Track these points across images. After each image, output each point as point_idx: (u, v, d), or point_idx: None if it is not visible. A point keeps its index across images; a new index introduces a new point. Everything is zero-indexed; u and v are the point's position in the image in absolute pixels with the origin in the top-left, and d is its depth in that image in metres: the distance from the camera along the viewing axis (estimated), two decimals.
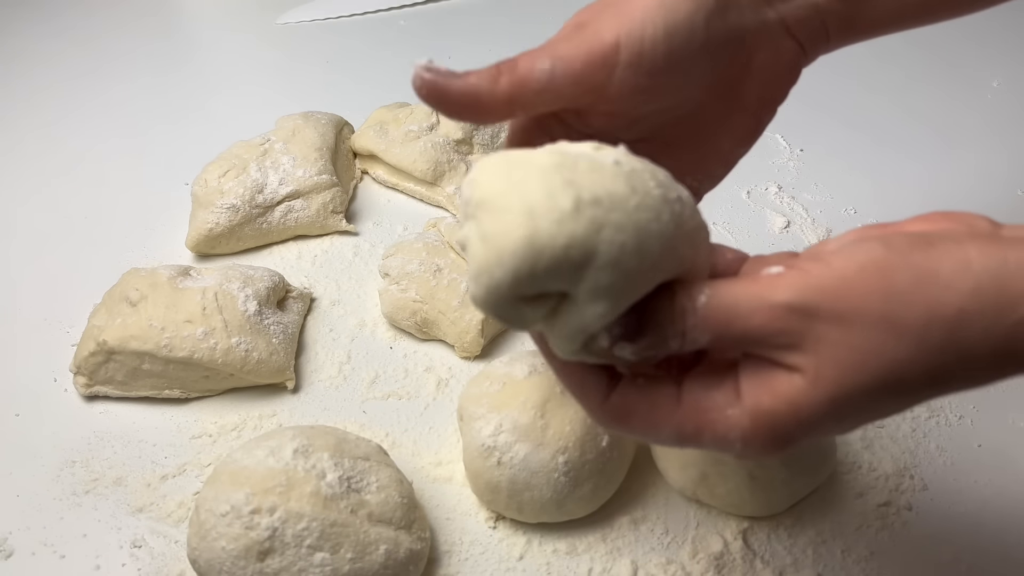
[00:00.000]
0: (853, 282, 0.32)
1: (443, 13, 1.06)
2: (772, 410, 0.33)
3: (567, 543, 0.54)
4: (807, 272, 0.33)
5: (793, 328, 0.32)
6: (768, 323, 0.32)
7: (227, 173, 0.72)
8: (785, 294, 0.32)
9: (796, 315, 0.32)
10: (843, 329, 0.32)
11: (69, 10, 1.05)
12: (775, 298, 0.32)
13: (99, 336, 0.59)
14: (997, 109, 0.89)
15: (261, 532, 0.47)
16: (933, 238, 0.33)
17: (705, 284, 0.34)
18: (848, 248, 0.33)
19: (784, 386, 0.33)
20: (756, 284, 0.33)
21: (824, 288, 0.32)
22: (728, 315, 0.33)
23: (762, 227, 0.76)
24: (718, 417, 0.34)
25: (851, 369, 0.32)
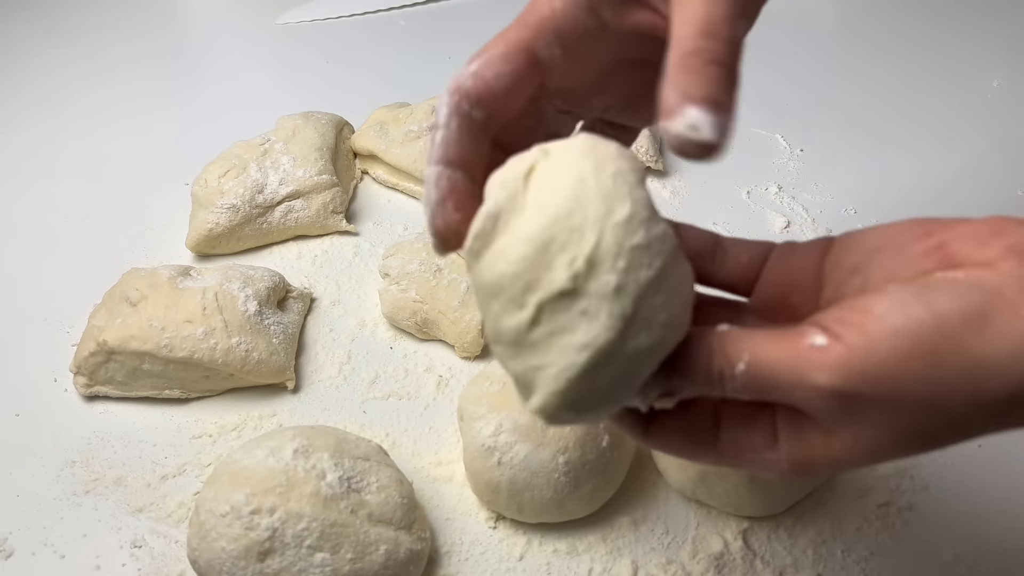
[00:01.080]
0: (899, 369, 0.31)
1: (443, 13, 1.06)
2: (810, 461, 0.34)
3: (567, 543, 0.54)
4: (851, 349, 0.31)
5: (834, 409, 0.32)
6: (808, 401, 0.32)
7: (227, 173, 0.72)
8: (827, 377, 0.31)
9: (839, 400, 0.31)
10: (886, 414, 0.31)
11: (69, 11, 1.05)
12: (816, 380, 0.31)
13: (99, 336, 0.59)
14: (997, 109, 0.89)
15: (261, 532, 0.47)
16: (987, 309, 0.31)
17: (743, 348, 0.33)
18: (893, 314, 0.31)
19: (821, 446, 0.33)
20: (797, 357, 0.32)
21: (867, 375, 0.31)
22: (767, 386, 0.33)
23: (762, 227, 0.76)
24: (756, 459, 0.35)
25: (889, 444, 0.32)
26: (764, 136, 0.83)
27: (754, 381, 0.33)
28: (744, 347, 0.33)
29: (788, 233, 0.75)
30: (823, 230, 0.75)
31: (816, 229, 0.75)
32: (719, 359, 0.33)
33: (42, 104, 0.91)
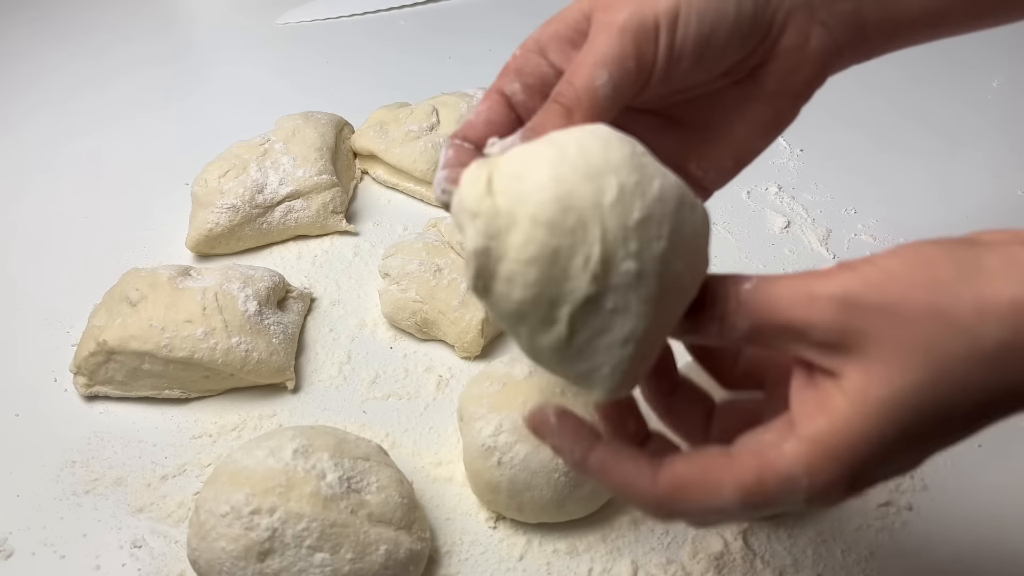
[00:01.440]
0: (896, 273, 0.31)
1: (443, 13, 1.06)
2: (828, 430, 0.31)
3: (567, 543, 0.54)
4: (854, 268, 0.32)
5: (836, 320, 0.31)
6: (810, 313, 0.31)
7: (227, 173, 0.72)
8: (830, 286, 0.31)
9: (839, 306, 0.31)
10: (889, 322, 0.30)
11: (69, 11, 1.05)
12: (820, 290, 0.31)
13: (99, 336, 0.59)
14: (997, 109, 0.90)
15: (261, 533, 0.47)
16: (977, 236, 0.32)
17: (751, 277, 0.33)
18: (895, 248, 0.32)
19: (835, 399, 0.31)
20: (802, 277, 0.32)
21: (868, 280, 0.31)
22: (770, 303, 0.32)
23: (762, 227, 0.76)
24: (776, 456, 0.32)
25: (901, 367, 0.30)
26: None
27: (757, 300, 0.32)
28: (752, 277, 0.33)
29: (788, 233, 0.75)
30: (823, 230, 0.75)
31: (816, 229, 0.75)
32: (725, 281, 0.33)
33: (42, 104, 0.91)
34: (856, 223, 0.76)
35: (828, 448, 0.31)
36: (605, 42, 0.37)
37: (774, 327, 0.32)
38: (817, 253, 0.73)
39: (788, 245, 0.74)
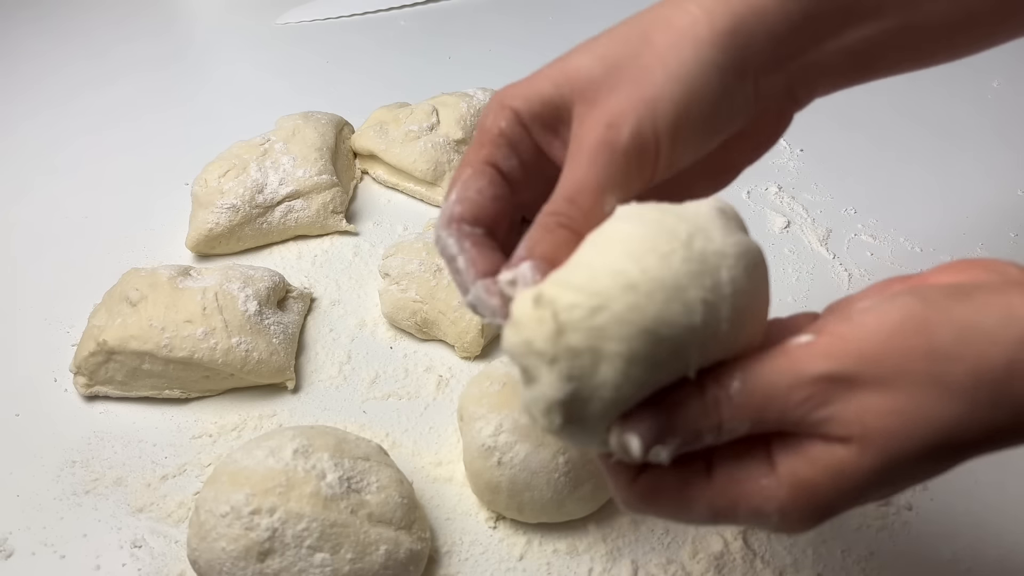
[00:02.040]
0: (892, 342, 0.30)
1: (443, 13, 1.06)
2: (812, 480, 0.31)
3: (567, 543, 0.54)
4: (839, 337, 0.31)
5: (832, 399, 0.30)
6: (807, 399, 0.30)
7: (227, 173, 0.72)
8: (820, 365, 0.30)
9: (834, 385, 0.30)
10: (887, 394, 0.30)
11: (69, 11, 1.05)
12: (810, 371, 0.30)
13: (99, 336, 0.59)
14: (997, 109, 0.90)
15: (261, 533, 0.47)
16: (970, 289, 0.31)
17: (735, 368, 0.32)
18: (881, 306, 0.31)
19: (824, 455, 0.31)
20: (787, 358, 0.31)
21: (861, 353, 0.30)
22: (764, 398, 0.31)
23: (762, 227, 0.76)
24: (753, 488, 0.32)
25: (899, 435, 0.30)
26: None
27: (751, 396, 0.31)
28: (735, 368, 0.32)
29: (788, 233, 0.75)
30: (823, 230, 0.75)
31: (816, 229, 0.75)
32: (711, 385, 0.32)
33: (43, 104, 0.91)
34: (856, 223, 0.76)
35: (806, 495, 0.31)
36: (609, 166, 0.35)
37: (773, 419, 0.32)
38: (817, 253, 0.73)
39: (788, 245, 0.74)
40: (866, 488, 0.31)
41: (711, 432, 0.32)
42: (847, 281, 0.71)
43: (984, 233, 0.74)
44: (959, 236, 0.74)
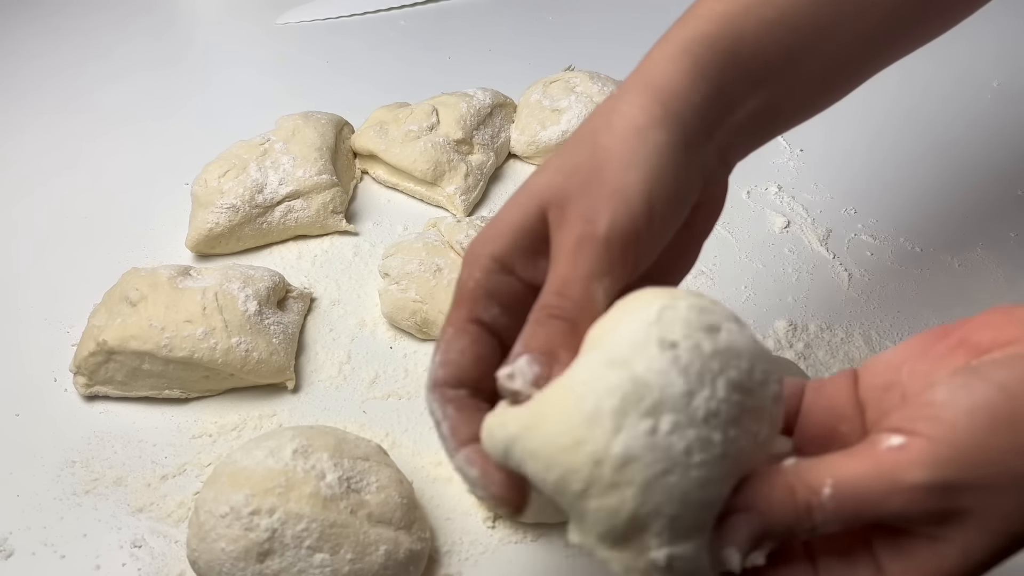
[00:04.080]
0: (987, 445, 0.30)
1: (443, 13, 1.06)
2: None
3: (567, 543, 0.54)
4: (933, 440, 0.31)
5: (935, 508, 0.31)
6: (907, 506, 0.31)
7: (227, 173, 0.72)
8: (919, 474, 0.30)
9: (936, 494, 0.31)
10: (988, 497, 0.31)
11: (69, 10, 1.05)
12: (909, 479, 0.31)
13: (99, 336, 0.59)
14: (997, 109, 0.89)
15: (261, 533, 0.47)
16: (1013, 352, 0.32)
17: (823, 469, 0.32)
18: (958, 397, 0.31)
19: (931, 558, 0.32)
20: (881, 463, 0.31)
21: (959, 460, 0.30)
22: (859, 504, 0.31)
23: (762, 227, 0.76)
24: None
25: (1002, 534, 0.31)
26: None
27: (844, 502, 0.31)
28: (823, 470, 0.32)
29: (788, 233, 0.75)
30: (823, 230, 0.75)
31: (816, 229, 0.75)
32: (801, 490, 0.32)
33: (43, 105, 0.91)
34: (856, 223, 0.76)
35: None
36: (592, 256, 0.36)
37: (867, 522, 0.32)
38: (817, 253, 0.73)
39: (788, 245, 0.74)
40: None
41: (804, 535, 0.32)
42: (847, 281, 0.71)
43: (984, 233, 0.74)
44: (959, 236, 0.74)
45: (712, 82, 0.40)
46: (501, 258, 0.39)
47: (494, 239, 0.39)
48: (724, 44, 0.41)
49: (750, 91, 0.42)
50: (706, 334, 0.33)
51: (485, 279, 0.38)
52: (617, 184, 0.37)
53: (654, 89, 0.39)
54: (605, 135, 0.39)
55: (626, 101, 0.39)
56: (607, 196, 0.37)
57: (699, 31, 0.41)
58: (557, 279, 0.36)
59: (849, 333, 0.66)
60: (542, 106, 0.82)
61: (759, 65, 0.42)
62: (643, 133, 0.38)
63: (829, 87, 0.47)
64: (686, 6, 0.44)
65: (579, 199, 0.37)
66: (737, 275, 0.72)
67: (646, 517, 0.31)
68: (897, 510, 0.31)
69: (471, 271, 0.39)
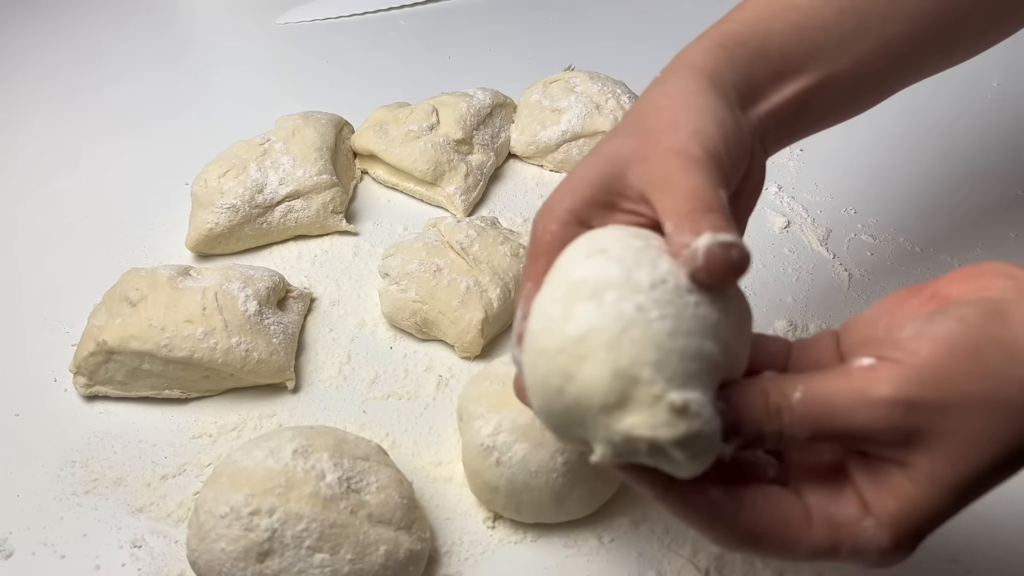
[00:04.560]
0: (947, 368, 0.32)
1: (443, 13, 1.06)
2: (900, 514, 0.34)
3: (567, 543, 0.54)
4: (900, 363, 0.33)
5: (899, 424, 0.32)
6: (872, 420, 0.33)
7: (227, 173, 0.72)
8: (885, 389, 0.32)
9: (900, 409, 0.32)
10: (949, 418, 0.32)
11: (69, 10, 1.05)
12: (876, 393, 0.33)
13: (99, 336, 0.59)
14: (997, 109, 0.89)
15: (260, 533, 0.47)
16: (1001, 307, 0.33)
17: (797, 380, 0.34)
18: (927, 332, 0.33)
19: (905, 487, 0.33)
20: (851, 378, 0.34)
21: (921, 380, 0.32)
22: (827, 411, 0.33)
23: (762, 227, 0.76)
24: (855, 531, 0.34)
25: (966, 457, 0.33)
26: None
27: (812, 409, 0.34)
28: (797, 381, 0.34)
29: (788, 233, 0.75)
30: (823, 230, 0.75)
31: (816, 229, 0.75)
32: (774, 394, 0.34)
33: (43, 105, 0.91)
34: (856, 223, 0.76)
35: (899, 530, 0.34)
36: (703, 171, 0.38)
37: (835, 434, 0.34)
38: (817, 253, 0.73)
39: (788, 245, 0.74)
40: (948, 511, 0.34)
41: (772, 437, 0.35)
42: (847, 281, 0.71)
43: (984, 233, 0.74)
44: (959, 236, 0.74)
45: (742, 72, 0.44)
46: (576, 211, 0.40)
47: (570, 193, 0.40)
48: (753, 43, 0.44)
49: (778, 85, 0.45)
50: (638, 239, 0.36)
51: (561, 231, 0.40)
52: (694, 126, 0.39)
53: (696, 68, 0.43)
54: (663, 101, 0.42)
55: (673, 75, 0.43)
56: (689, 135, 0.39)
57: (730, 30, 0.45)
58: (686, 191, 0.37)
59: None
60: (542, 106, 0.82)
61: (786, 62, 0.45)
62: (697, 95, 0.41)
63: (858, 91, 0.50)
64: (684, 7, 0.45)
65: (660, 145, 0.39)
66: None
67: (629, 368, 0.33)
68: (863, 422, 0.33)
69: (546, 224, 0.40)
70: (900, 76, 0.52)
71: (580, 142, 0.80)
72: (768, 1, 0.47)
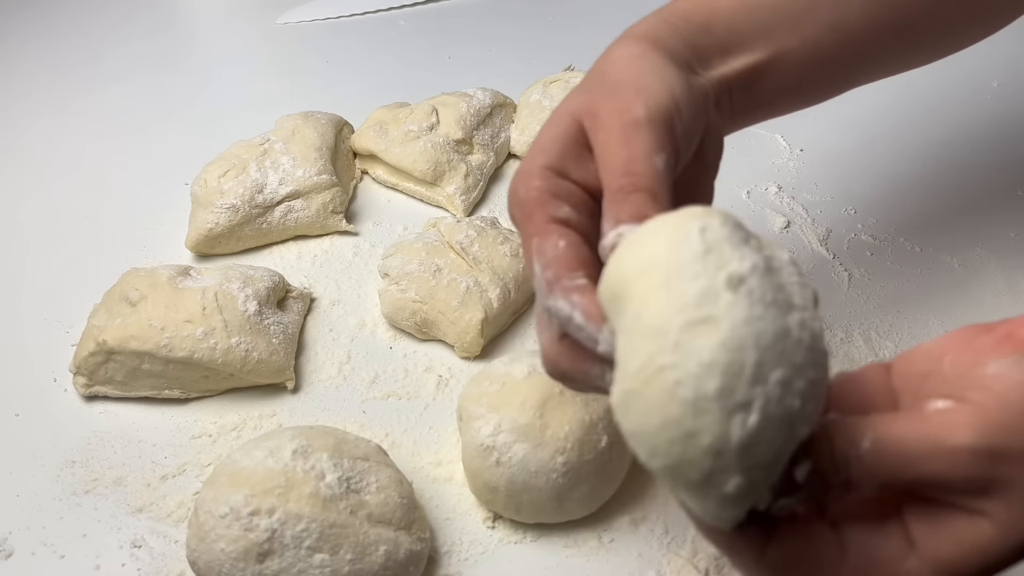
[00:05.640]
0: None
1: (443, 13, 1.06)
2: (955, 560, 0.31)
3: (567, 543, 0.54)
4: (982, 408, 0.30)
5: (979, 473, 0.30)
6: (950, 469, 0.30)
7: (227, 173, 0.72)
8: (966, 436, 0.30)
9: (982, 458, 0.30)
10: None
11: (69, 10, 1.05)
12: (954, 440, 0.30)
13: (99, 336, 0.59)
14: (997, 109, 0.89)
15: (260, 534, 0.47)
16: None
17: (864, 425, 0.32)
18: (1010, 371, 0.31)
19: (968, 533, 0.31)
20: (927, 424, 0.31)
21: (1007, 427, 0.30)
22: (900, 461, 0.31)
23: (762, 227, 0.76)
24: (895, 571, 0.32)
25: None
26: (764, 136, 0.83)
27: (884, 458, 0.31)
28: (865, 425, 0.32)
29: (788, 233, 0.75)
30: (823, 230, 0.75)
31: (816, 229, 0.75)
32: (841, 440, 0.31)
33: (43, 104, 0.91)
34: (856, 223, 0.76)
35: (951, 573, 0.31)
36: (642, 134, 0.39)
37: (908, 482, 0.31)
38: (817, 253, 0.73)
39: (788, 245, 0.74)
40: (1005, 565, 0.31)
41: (839, 488, 0.32)
42: (847, 281, 0.71)
43: (984, 233, 0.74)
44: (959, 236, 0.74)
45: (687, 42, 0.44)
46: (553, 165, 0.41)
47: (542, 152, 0.41)
48: (698, 18, 0.45)
49: (725, 57, 0.45)
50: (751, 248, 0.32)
51: (545, 184, 0.40)
52: (639, 84, 0.40)
53: (639, 36, 0.44)
54: (609, 66, 0.43)
55: (616, 45, 0.44)
56: (633, 93, 0.40)
57: (676, 7, 0.46)
58: (619, 163, 0.38)
59: (849, 333, 0.66)
60: (542, 106, 0.81)
61: (732, 38, 0.45)
62: (644, 56, 0.42)
63: (812, 73, 0.49)
64: None
65: (608, 103, 0.40)
66: None
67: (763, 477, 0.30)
68: (938, 472, 0.30)
69: (528, 183, 0.41)
70: (855, 64, 0.51)
71: None
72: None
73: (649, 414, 0.30)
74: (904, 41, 0.51)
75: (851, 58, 0.50)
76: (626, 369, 0.31)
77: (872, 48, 0.50)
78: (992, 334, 0.34)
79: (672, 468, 0.30)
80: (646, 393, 0.30)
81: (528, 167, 0.41)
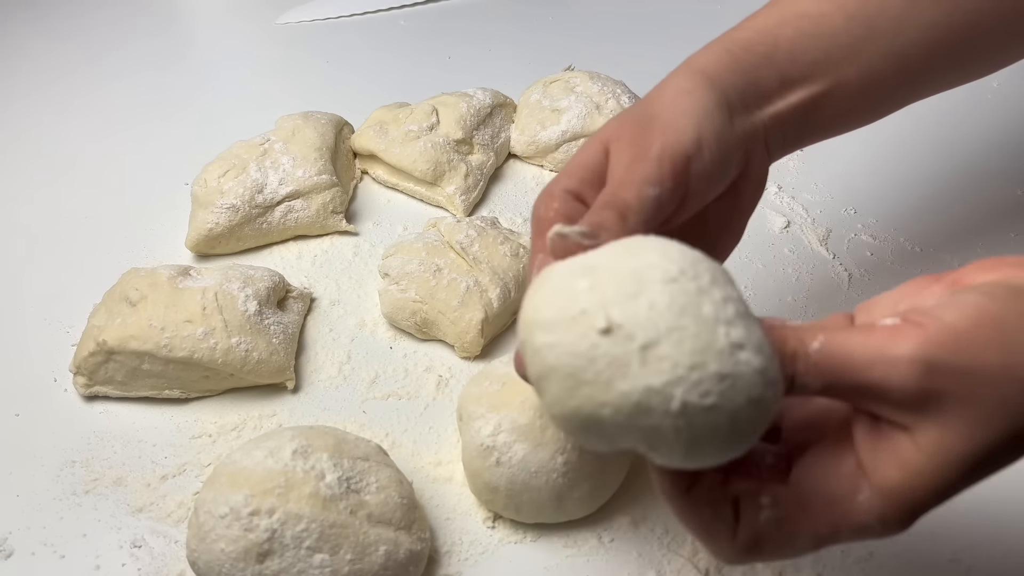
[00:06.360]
0: (970, 335, 0.32)
1: (443, 13, 1.06)
2: (903, 484, 0.33)
3: (567, 543, 0.54)
4: (924, 326, 0.32)
5: (916, 383, 0.32)
6: (889, 376, 0.32)
7: (227, 173, 0.72)
8: (906, 346, 0.32)
9: (919, 368, 0.32)
10: (965, 384, 0.32)
11: (68, 10, 1.05)
12: (896, 350, 0.32)
13: (99, 336, 0.59)
14: (997, 109, 0.89)
15: (260, 534, 0.47)
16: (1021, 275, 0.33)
17: (817, 329, 0.34)
18: (953, 302, 0.33)
19: (910, 454, 0.33)
20: (873, 334, 0.33)
21: (943, 343, 0.32)
22: (844, 363, 0.33)
23: (762, 227, 0.76)
24: (850, 508, 0.34)
25: (978, 425, 0.32)
26: None
27: (829, 359, 0.33)
28: (817, 331, 0.34)
29: (788, 233, 0.75)
30: (823, 230, 0.75)
31: (816, 229, 0.75)
32: (791, 340, 0.34)
33: (42, 104, 0.91)
34: (856, 223, 0.76)
35: (902, 500, 0.33)
36: (643, 167, 0.42)
37: (849, 387, 0.33)
38: (817, 253, 0.73)
39: (788, 245, 0.74)
40: (953, 482, 0.33)
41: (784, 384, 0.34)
42: (847, 281, 0.71)
43: (984, 233, 0.74)
44: (959, 236, 0.74)
45: (747, 76, 0.45)
46: (573, 190, 0.44)
47: (567, 176, 0.44)
48: (760, 49, 0.46)
49: (784, 91, 0.46)
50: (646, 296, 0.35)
51: (562, 207, 0.43)
52: (668, 121, 0.43)
53: (697, 70, 0.45)
54: (656, 97, 0.45)
55: (673, 76, 0.46)
56: (660, 130, 0.43)
57: (738, 36, 0.47)
58: (614, 182, 0.42)
59: None
60: (542, 106, 0.81)
61: (794, 68, 0.46)
62: (690, 93, 0.44)
63: (867, 100, 0.50)
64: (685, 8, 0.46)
65: (632, 134, 0.43)
66: (737, 275, 0.70)
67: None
68: (879, 378, 0.32)
69: (548, 203, 0.44)
70: (911, 87, 0.52)
71: (580, 142, 0.79)
72: (779, 9, 0.48)
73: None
74: (961, 62, 0.53)
75: (907, 83, 0.51)
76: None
77: (929, 72, 0.51)
78: (941, 282, 0.36)
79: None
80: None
81: (551, 188, 0.44)
